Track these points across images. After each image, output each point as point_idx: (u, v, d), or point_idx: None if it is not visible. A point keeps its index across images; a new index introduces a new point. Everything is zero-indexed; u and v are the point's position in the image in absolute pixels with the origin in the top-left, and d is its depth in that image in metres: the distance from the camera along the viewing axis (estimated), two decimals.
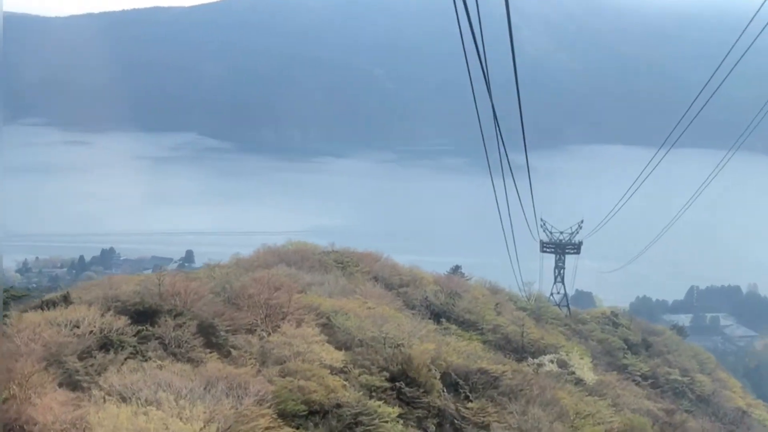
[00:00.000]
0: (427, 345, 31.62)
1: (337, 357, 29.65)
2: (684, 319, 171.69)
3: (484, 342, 42.30)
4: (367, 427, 26.74)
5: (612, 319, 70.19)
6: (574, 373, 42.35)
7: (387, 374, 30.03)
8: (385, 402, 28.48)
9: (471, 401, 31.08)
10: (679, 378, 61.68)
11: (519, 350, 45.43)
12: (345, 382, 28.63)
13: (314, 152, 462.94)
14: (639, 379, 59.25)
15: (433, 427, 29.59)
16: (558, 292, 75.46)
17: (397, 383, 29.86)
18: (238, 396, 24.11)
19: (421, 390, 29.93)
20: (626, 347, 64.21)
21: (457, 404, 30.61)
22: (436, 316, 45.19)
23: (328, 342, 31.48)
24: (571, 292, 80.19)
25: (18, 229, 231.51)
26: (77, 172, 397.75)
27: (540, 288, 70.95)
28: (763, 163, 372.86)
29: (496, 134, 19.43)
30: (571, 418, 31.57)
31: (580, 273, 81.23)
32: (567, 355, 44.26)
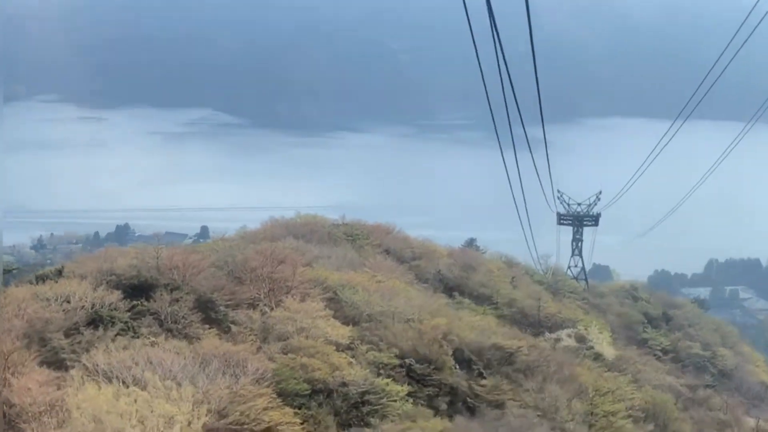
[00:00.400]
0: (439, 320, 30.05)
1: (343, 333, 28.21)
2: (703, 293, 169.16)
3: (499, 316, 40.70)
4: (374, 407, 25.35)
5: (631, 292, 68.19)
6: (592, 348, 40.74)
7: (396, 350, 28.55)
8: (394, 380, 27.06)
9: (485, 378, 29.56)
10: (701, 352, 59.81)
11: (535, 325, 43.82)
12: (351, 359, 27.23)
13: (330, 127, 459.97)
14: (659, 353, 57.51)
15: (444, 406, 28.12)
16: (575, 266, 73.61)
17: (406, 360, 28.40)
18: (235, 374, 22.73)
19: (432, 367, 28.45)
20: (646, 321, 62.32)
21: (470, 381, 29.09)
22: (449, 290, 43.67)
23: (335, 317, 30.07)
24: (588, 266, 78.11)
25: (33, 205, 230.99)
26: (92, 148, 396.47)
27: (557, 261, 69.04)
28: None
29: (506, 107, 18.50)
30: (590, 395, 29.99)
31: (598, 247, 79.35)
32: (585, 329, 42.62)
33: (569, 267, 72.91)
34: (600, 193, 72.78)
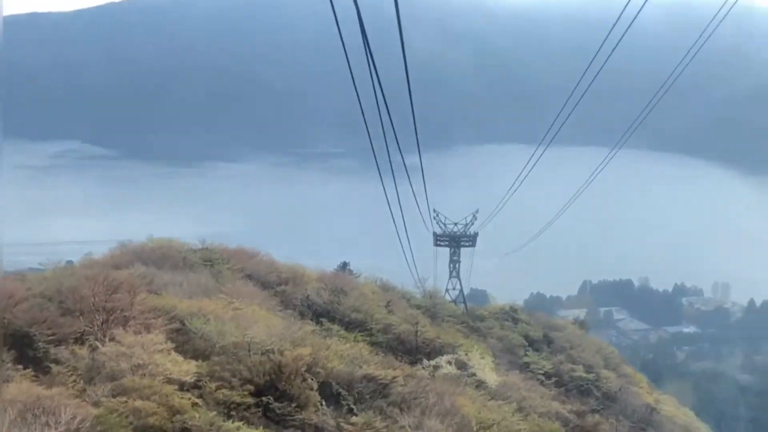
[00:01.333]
0: (303, 350, 26.15)
1: (187, 369, 24.01)
2: (578, 315, 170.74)
3: (373, 344, 37.15)
4: None
5: (511, 314, 65.89)
6: (474, 374, 37.56)
7: (252, 387, 24.51)
8: (248, 422, 23.01)
9: (355, 415, 25.78)
10: (584, 375, 57.75)
11: (413, 351, 40.46)
12: (198, 400, 23.08)
13: (204, 157, 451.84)
14: (542, 377, 55.11)
15: None
16: (454, 288, 70.81)
17: (263, 398, 24.39)
18: (47, 425, 18.37)
19: (294, 404, 24.55)
20: (527, 344, 60.04)
21: (339, 419, 25.27)
22: (319, 316, 39.87)
23: (183, 351, 25.87)
24: (466, 290, 75.68)
25: None
26: None
27: (435, 284, 66.33)
28: (649, 157, 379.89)
29: (383, 131, 19.33)
30: (475, 429, 26.55)
31: (475, 270, 77.10)
32: (466, 354, 39.47)
33: (447, 290, 70.07)
34: (477, 212, 70.45)
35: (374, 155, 21.36)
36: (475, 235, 70.68)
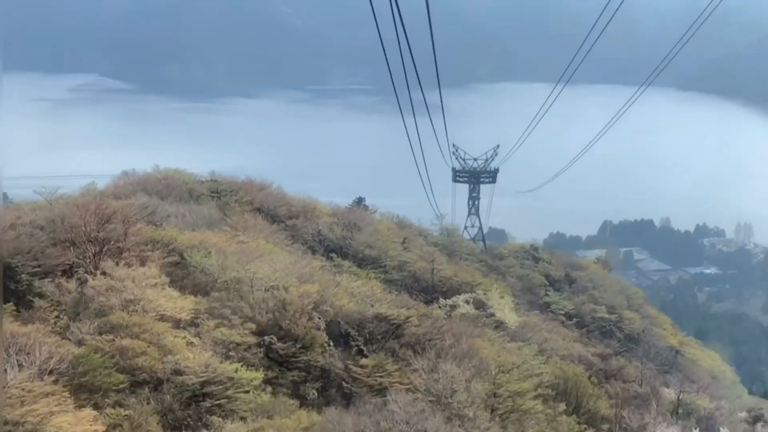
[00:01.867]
0: (309, 286, 24.18)
1: (183, 305, 22.11)
2: (599, 255, 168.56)
3: (387, 281, 35.19)
4: (218, 400, 19.41)
5: (531, 253, 63.67)
6: (493, 315, 35.59)
7: (253, 326, 22.64)
8: (247, 363, 21.17)
9: (365, 356, 23.90)
10: (606, 316, 55.79)
11: (429, 290, 38.53)
12: (194, 339, 21.23)
13: (221, 92, 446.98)
14: (563, 318, 53.23)
15: (313, 394, 22.45)
16: (472, 226, 68.63)
17: (265, 338, 22.52)
18: (18, 366, 16.52)
19: (299, 345, 22.70)
20: (548, 283, 58.00)
21: (347, 362, 23.43)
22: (330, 252, 37.90)
23: (182, 286, 24.00)
24: (485, 228, 73.39)
25: None
26: None
27: (453, 222, 64.16)
28: (673, 97, 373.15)
29: (403, 67, 19.02)
30: (493, 373, 24.59)
31: (493, 210, 74.80)
32: (485, 294, 37.44)
33: (465, 227, 67.98)
34: (498, 147, 67.86)
35: (394, 90, 20.82)
36: (496, 171, 68.29)
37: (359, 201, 57.86)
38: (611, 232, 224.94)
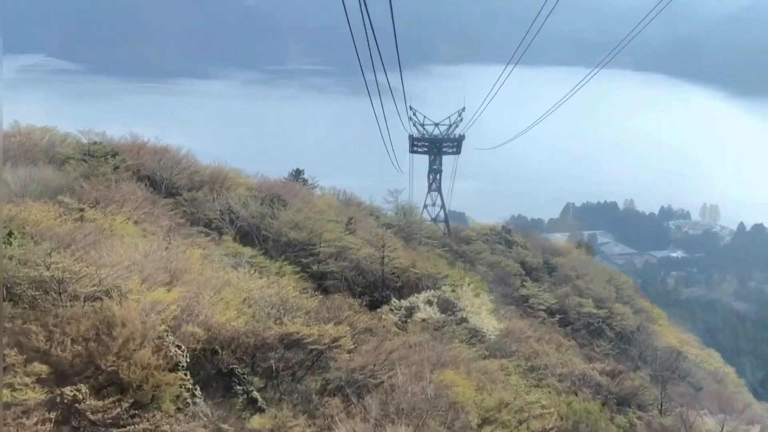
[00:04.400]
0: (165, 293, 13.92)
1: None
2: (561, 239, 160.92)
3: (319, 275, 24.99)
4: None
5: (503, 235, 53.70)
6: (466, 320, 25.51)
7: (45, 368, 12.42)
8: None
9: (260, 412, 13.80)
10: (594, 310, 46.30)
11: (378, 286, 28.51)
12: None
13: (174, 73, 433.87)
14: (543, 314, 43.67)
15: None
16: (433, 204, 57.68)
17: (67, 390, 12.31)
18: None
19: (131, 401, 12.50)
20: (524, 272, 48.24)
21: (226, 424, 13.19)
22: (245, 235, 27.66)
23: None
24: (448, 207, 62.44)
25: None
26: None
27: (411, 199, 54.12)
28: (633, 78, 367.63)
29: (367, 43, 18.81)
30: (474, 428, 14.58)
31: (452, 192, 64.09)
32: (453, 291, 27.30)
33: (425, 206, 57.20)
34: (463, 109, 56.77)
35: (359, 59, 19.85)
36: (461, 138, 56.99)
37: (297, 173, 47.56)
38: (574, 215, 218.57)
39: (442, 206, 56.82)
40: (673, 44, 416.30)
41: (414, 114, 55.40)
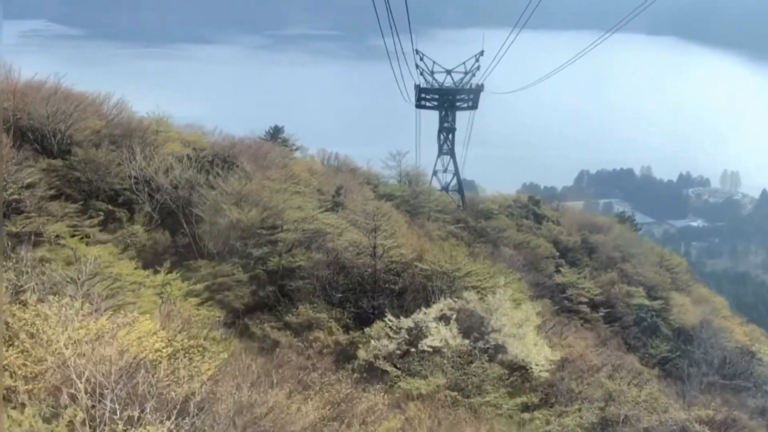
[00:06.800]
0: None
1: None
2: (577, 207, 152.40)
3: (273, 276, 15.43)
4: None
5: (531, 208, 43.65)
6: (503, 348, 15.88)
7: None
8: None
9: None
10: (647, 302, 36.76)
11: (367, 289, 18.90)
12: None
13: (175, 37, 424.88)
14: (585, 308, 34.34)
15: None
16: (445, 170, 46.76)
17: None
18: None
19: None
20: (558, 254, 38.59)
21: None
22: (170, 214, 18.08)
23: None
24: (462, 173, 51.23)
25: None
26: None
27: (418, 165, 44.23)
28: (645, 42, 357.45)
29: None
30: None
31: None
32: (481, 298, 17.54)
33: (435, 172, 46.33)
34: (482, 53, 45.24)
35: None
36: (478, 89, 45.70)
37: (275, 132, 37.91)
38: (589, 183, 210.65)
39: (456, 172, 45.96)
40: (688, 6, 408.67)
41: (421, 59, 44.73)
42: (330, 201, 26.46)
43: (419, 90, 45.33)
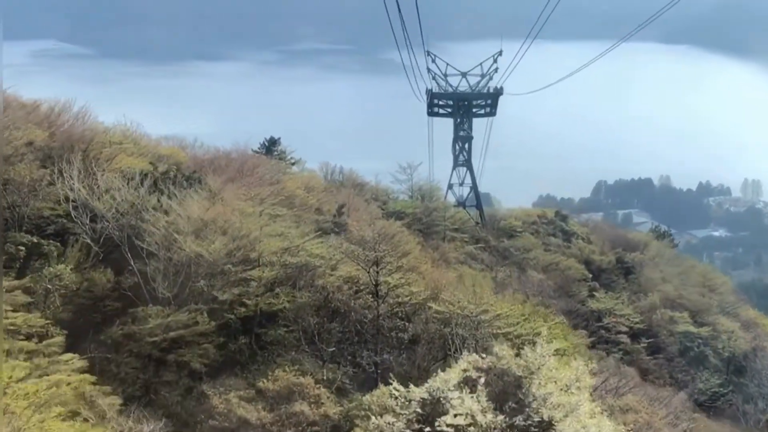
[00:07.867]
0: None
1: None
2: (594, 219, 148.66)
3: (248, 324, 11.09)
4: None
5: (558, 223, 39.18)
6: (552, 426, 11.49)
7: None
8: None
9: None
10: (693, 329, 32.25)
11: (368, 339, 14.55)
12: None
13: (185, 55, 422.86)
14: (625, 338, 29.90)
15: None
16: (461, 183, 41.65)
17: None
18: None
19: None
20: (590, 276, 34.14)
21: None
22: (114, 250, 13.84)
23: None
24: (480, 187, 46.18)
25: None
26: None
27: (430, 179, 39.79)
28: (657, 51, 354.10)
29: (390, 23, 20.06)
30: None
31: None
32: (518, 353, 13.06)
33: (450, 186, 41.35)
34: (500, 53, 40.21)
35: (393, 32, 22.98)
36: (497, 93, 40.73)
37: (270, 144, 33.65)
38: (606, 193, 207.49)
39: (473, 185, 40.93)
40: (703, 15, 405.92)
41: (433, 61, 40.07)
42: (330, 222, 22.33)
43: (431, 95, 40.75)
